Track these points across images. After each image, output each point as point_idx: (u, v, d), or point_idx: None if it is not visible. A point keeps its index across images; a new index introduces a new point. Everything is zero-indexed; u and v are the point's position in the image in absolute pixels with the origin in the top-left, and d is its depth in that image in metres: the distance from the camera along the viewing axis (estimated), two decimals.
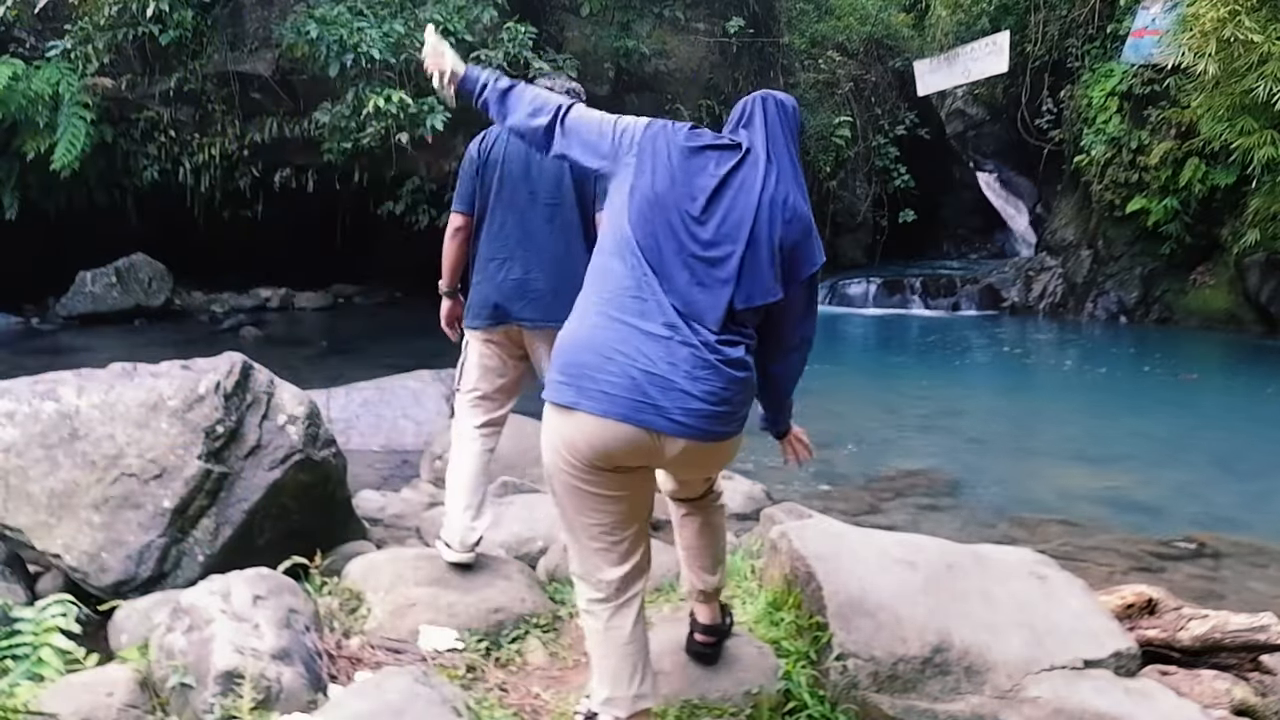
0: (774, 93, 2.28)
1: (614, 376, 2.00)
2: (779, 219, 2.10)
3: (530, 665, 2.79)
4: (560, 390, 2.06)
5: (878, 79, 15.14)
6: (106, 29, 10.35)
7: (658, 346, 2.02)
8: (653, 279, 2.05)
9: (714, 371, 2.03)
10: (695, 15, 12.97)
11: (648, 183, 2.10)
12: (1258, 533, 4.76)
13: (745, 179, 2.11)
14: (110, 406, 3.17)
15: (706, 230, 2.07)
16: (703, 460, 2.16)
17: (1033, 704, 2.40)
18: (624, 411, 1.99)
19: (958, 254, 17.06)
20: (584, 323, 2.10)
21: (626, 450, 2.03)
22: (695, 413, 2.01)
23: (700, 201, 2.08)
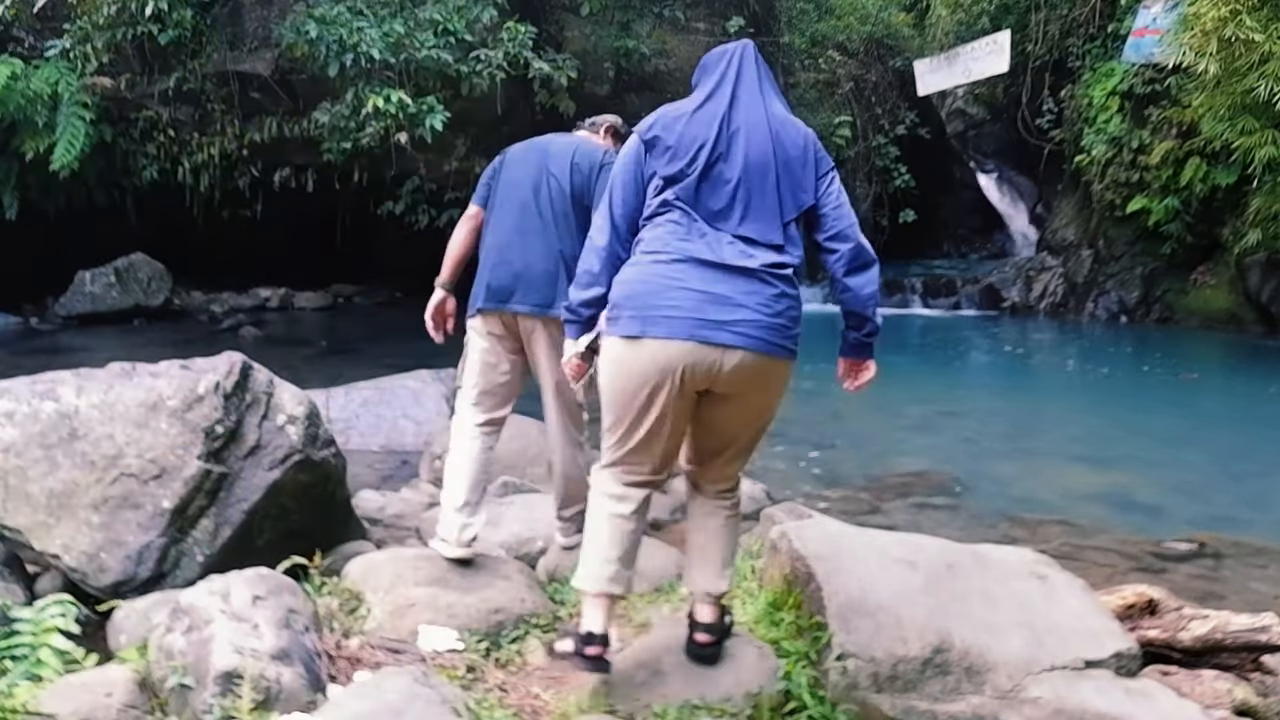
0: (745, 43, 2.49)
1: (675, 302, 2.21)
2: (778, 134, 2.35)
3: (530, 665, 2.79)
4: (627, 324, 2.26)
5: (878, 79, 15.13)
6: (105, 28, 10.35)
7: (711, 271, 2.23)
8: (696, 219, 2.29)
9: (765, 286, 2.25)
10: (695, 15, 12.97)
11: (662, 155, 2.34)
12: (1258, 533, 4.75)
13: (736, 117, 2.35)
14: (109, 406, 3.17)
15: (729, 167, 2.30)
16: (759, 382, 2.30)
17: (1033, 704, 2.40)
18: (689, 330, 2.19)
19: (958, 254, 17.05)
20: (637, 267, 2.31)
21: (692, 367, 2.21)
22: (752, 323, 2.22)
23: (707, 149, 2.31)
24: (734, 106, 2.36)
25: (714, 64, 2.46)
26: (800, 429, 6.88)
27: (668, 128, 2.37)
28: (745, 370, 2.24)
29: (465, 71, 10.33)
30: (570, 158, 3.16)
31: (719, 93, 2.38)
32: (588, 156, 3.17)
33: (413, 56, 10.08)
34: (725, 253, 2.26)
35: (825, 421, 7.17)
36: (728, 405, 2.35)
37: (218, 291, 12.71)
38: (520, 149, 3.30)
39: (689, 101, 2.42)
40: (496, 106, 10.80)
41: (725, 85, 2.39)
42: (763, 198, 2.31)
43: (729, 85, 2.39)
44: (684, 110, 2.39)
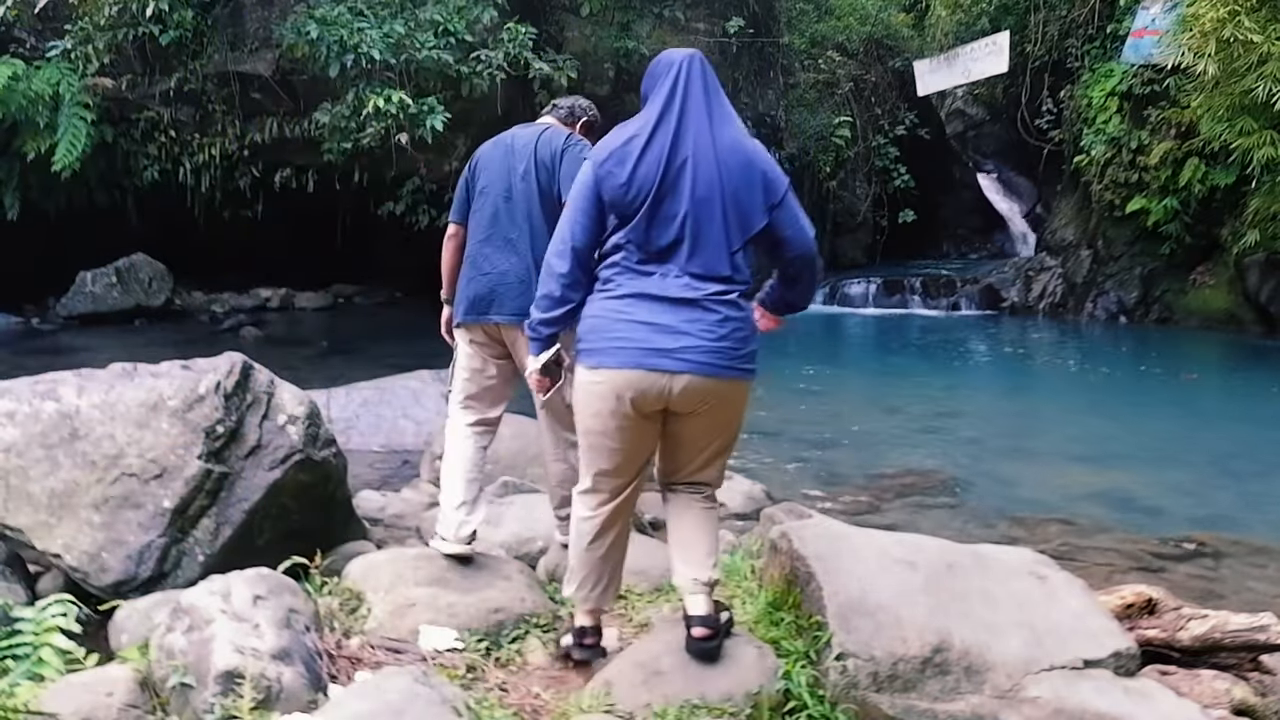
0: (693, 54, 2.51)
1: (624, 334, 2.36)
2: (725, 163, 2.39)
3: (530, 665, 2.79)
4: (586, 356, 2.43)
5: (878, 79, 15.14)
6: (106, 29, 10.36)
7: (657, 303, 2.36)
8: (645, 257, 2.39)
9: (708, 313, 2.37)
10: (695, 15, 12.98)
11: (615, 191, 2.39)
12: (1258, 533, 4.76)
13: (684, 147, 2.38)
14: (110, 406, 3.18)
15: (676, 203, 2.36)
16: (711, 402, 2.42)
17: (1032, 704, 2.40)
18: (636, 360, 2.34)
19: (958, 254, 17.06)
20: (594, 304, 2.45)
21: (643, 392, 2.36)
22: (695, 349, 2.35)
23: (654, 188, 2.36)
24: (680, 136, 2.38)
25: (662, 75, 2.47)
26: (800, 429, 6.89)
27: (621, 162, 2.39)
28: (694, 392, 2.37)
29: (465, 72, 10.34)
30: (533, 155, 3.14)
31: (665, 121, 2.40)
32: (549, 146, 3.15)
33: (413, 57, 10.09)
34: (671, 287, 2.36)
35: (825, 421, 7.18)
36: (689, 422, 2.48)
37: (218, 292, 12.71)
38: (488, 149, 3.26)
39: (640, 126, 2.43)
40: (497, 107, 10.80)
41: (672, 110, 2.41)
42: (710, 231, 2.37)
43: (675, 110, 2.41)
44: (635, 140, 2.41)
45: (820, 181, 14.33)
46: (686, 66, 2.45)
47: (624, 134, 2.44)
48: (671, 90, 2.43)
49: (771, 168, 2.45)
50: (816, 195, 14.48)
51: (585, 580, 2.60)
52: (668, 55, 2.53)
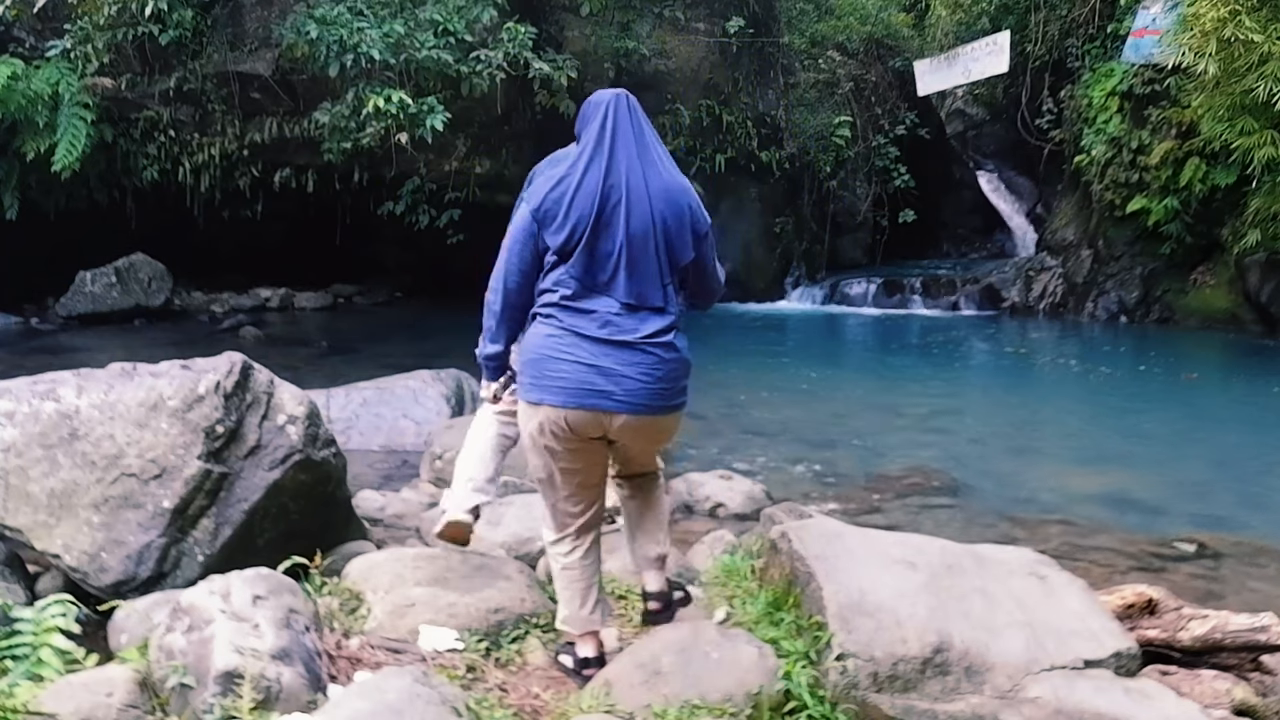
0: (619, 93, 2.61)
1: (564, 374, 2.47)
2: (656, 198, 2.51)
3: (530, 665, 2.79)
4: (528, 391, 2.55)
5: (878, 79, 15.13)
6: (106, 29, 10.35)
7: (597, 345, 2.48)
8: (584, 290, 2.50)
9: (645, 355, 2.49)
10: (695, 15, 12.97)
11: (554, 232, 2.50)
12: (1258, 533, 4.76)
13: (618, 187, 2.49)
14: (110, 406, 3.17)
15: (611, 240, 2.47)
16: (648, 432, 2.61)
17: (1033, 704, 2.40)
18: (577, 400, 2.47)
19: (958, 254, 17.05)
20: (535, 337, 2.55)
21: (583, 426, 2.51)
22: (632, 391, 2.48)
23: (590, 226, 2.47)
24: (611, 173, 2.48)
25: (592, 115, 2.56)
26: (800, 429, 6.89)
27: (557, 202, 2.49)
28: (630, 425, 2.54)
29: (465, 72, 10.34)
30: None
31: (596, 160, 2.49)
32: None
33: (413, 57, 10.09)
34: (608, 328, 2.48)
35: (825, 421, 7.18)
36: (628, 445, 2.66)
37: (218, 291, 12.71)
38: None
39: (570, 166, 2.52)
40: (497, 107, 10.81)
41: (602, 148, 2.50)
42: (644, 264, 2.49)
43: (605, 148, 2.49)
44: (568, 180, 2.49)
45: (820, 181, 14.32)
46: (614, 107, 2.54)
47: (554, 178, 2.53)
48: (600, 130, 2.52)
49: (697, 203, 2.61)
50: (816, 195, 14.47)
51: (572, 602, 2.71)
52: (597, 96, 2.61)
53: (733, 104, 13.10)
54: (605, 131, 2.51)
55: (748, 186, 13.65)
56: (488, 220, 3.55)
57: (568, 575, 2.70)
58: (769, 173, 13.53)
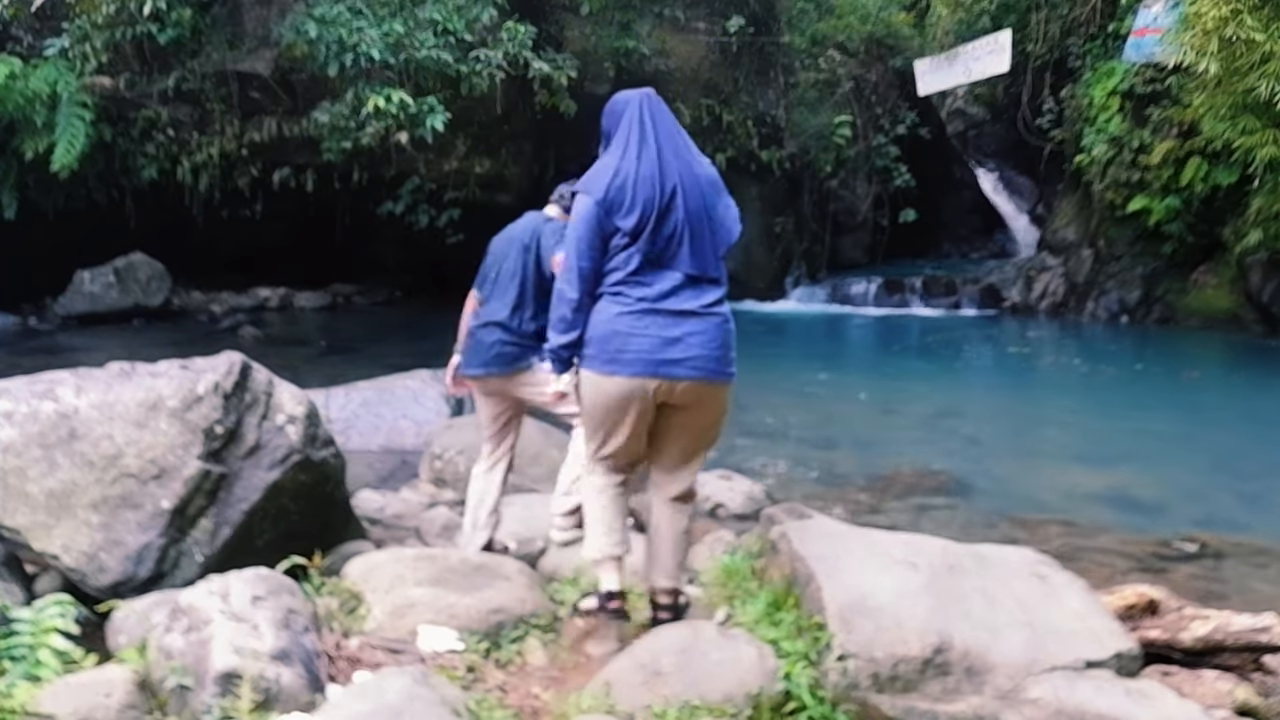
0: (646, 92, 2.88)
1: (639, 348, 2.69)
2: (703, 185, 2.80)
3: (530, 665, 2.78)
4: (602, 365, 2.73)
5: (878, 78, 15.12)
6: (104, 28, 10.34)
7: (665, 318, 2.70)
8: (652, 264, 2.72)
9: (705, 322, 2.73)
10: (695, 15, 12.96)
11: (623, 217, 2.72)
12: (1259, 533, 4.75)
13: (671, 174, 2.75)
14: (109, 406, 3.17)
15: (673, 220, 2.72)
16: (706, 401, 2.79)
17: (1033, 705, 2.39)
18: (652, 369, 2.69)
19: (958, 254, 17.05)
20: (606, 314, 2.74)
21: (654, 391, 2.72)
22: (697, 359, 2.70)
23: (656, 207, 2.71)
24: (664, 164, 2.74)
25: (623, 112, 2.82)
26: (800, 429, 6.88)
27: (621, 189, 2.71)
28: (692, 392, 2.74)
29: (465, 71, 10.33)
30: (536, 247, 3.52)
31: (645, 153, 2.75)
32: (536, 236, 3.54)
33: (413, 56, 10.08)
34: (674, 299, 2.72)
35: (825, 421, 7.17)
36: (680, 415, 2.81)
37: (217, 291, 12.70)
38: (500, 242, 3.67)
39: (624, 160, 2.75)
40: (496, 106, 10.80)
41: (648, 144, 2.76)
42: (701, 241, 2.75)
43: (652, 142, 2.76)
44: (625, 171, 2.73)
45: (820, 181, 14.31)
46: (648, 104, 2.82)
47: (610, 169, 2.76)
48: (640, 126, 2.77)
49: (726, 192, 2.89)
50: (817, 195, 14.46)
51: (609, 532, 2.90)
52: (624, 95, 2.87)
53: (733, 104, 13.09)
54: (645, 127, 2.76)
55: (748, 186, 13.63)
56: (487, 220, 3.60)
57: (606, 508, 2.90)
58: (769, 172, 13.52)
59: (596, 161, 2.82)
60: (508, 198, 11.07)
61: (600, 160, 2.81)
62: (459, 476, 4.87)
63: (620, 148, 2.77)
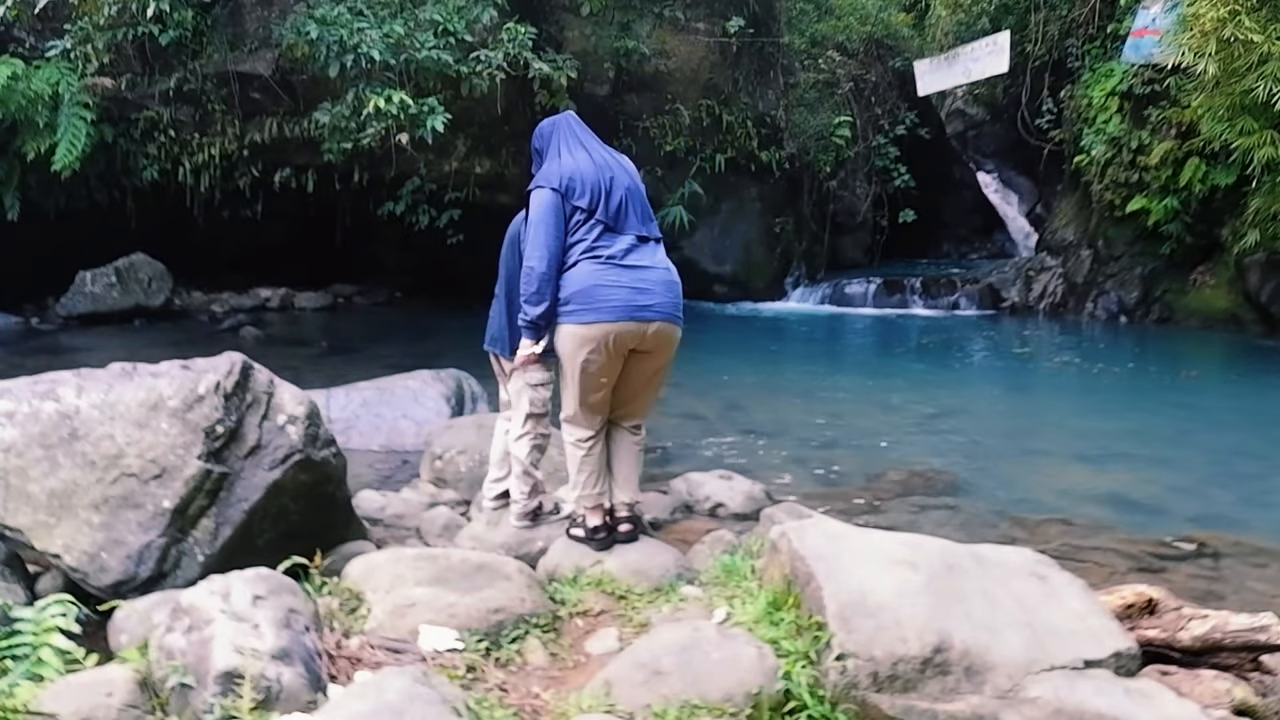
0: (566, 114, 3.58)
1: (614, 297, 3.19)
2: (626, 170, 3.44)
3: (530, 665, 2.79)
4: (581, 314, 3.20)
5: (878, 79, 15.12)
6: (106, 29, 10.35)
7: (632, 271, 3.24)
8: (609, 229, 3.30)
9: (663, 273, 3.31)
10: (695, 15, 12.96)
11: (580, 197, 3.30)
12: (1258, 533, 4.75)
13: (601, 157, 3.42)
14: (110, 406, 3.18)
15: (615, 196, 3.31)
16: (665, 341, 3.32)
17: (1033, 704, 2.40)
18: (627, 314, 3.19)
19: (958, 254, 17.06)
20: (581, 271, 3.24)
21: (629, 334, 3.21)
22: (661, 304, 3.26)
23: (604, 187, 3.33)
24: (595, 156, 3.37)
25: (550, 132, 3.49)
26: (800, 429, 6.89)
27: (572, 178, 3.30)
28: (659, 333, 3.27)
29: (465, 72, 10.34)
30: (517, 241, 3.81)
31: (580, 151, 3.38)
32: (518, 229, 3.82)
33: (413, 57, 10.09)
34: (634, 254, 3.26)
35: (825, 421, 7.17)
36: (644, 360, 3.33)
37: (218, 291, 12.70)
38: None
39: (563, 159, 3.36)
40: (497, 107, 10.80)
41: (580, 144, 3.41)
42: (640, 210, 3.36)
43: (581, 146, 3.40)
44: (569, 165, 3.33)
45: (820, 181, 14.31)
46: (573, 120, 3.53)
47: (556, 167, 3.35)
48: (571, 134, 3.45)
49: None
50: (816, 195, 14.47)
51: (588, 482, 3.39)
52: (549, 120, 3.55)
53: (733, 104, 13.09)
54: (575, 134, 3.44)
55: (748, 186, 13.64)
56: (488, 220, 3.72)
57: (587, 462, 3.37)
58: (769, 173, 13.52)
59: (541, 170, 3.40)
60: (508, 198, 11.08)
61: (544, 166, 3.40)
62: (459, 476, 4.87)
63: (557, 153, 3.38)
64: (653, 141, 12.78)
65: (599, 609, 3.13)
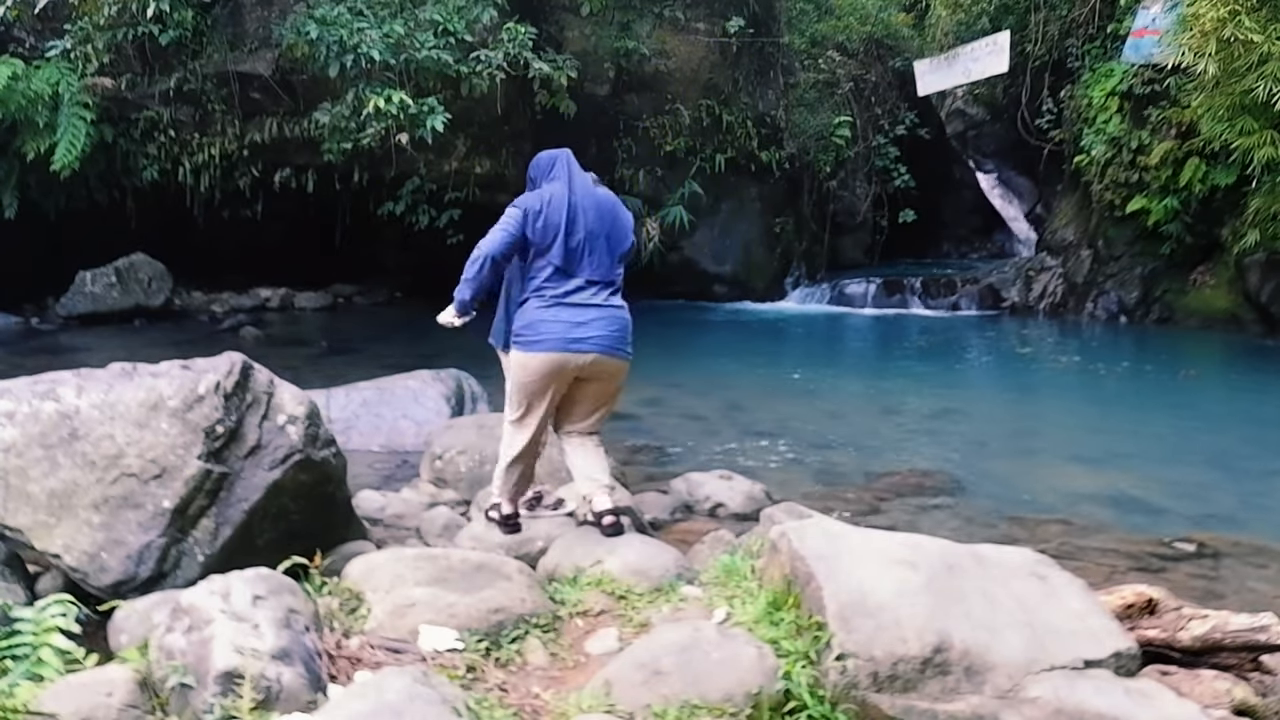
0: (565, 150, 3.79)
1: (554, 331, 3.52)
2: (600, 210, 3.66)
3: (530, 665, 2.79)
4: (527, 345, 3.55)
5: (878, 79, 15.12)
6: (106, 29, 10.35)
7: (574, 308, 3.53)
8: (559, 270, 3.56)
9: (603, 312, 3.57)
10: (695, 15, 12.96)
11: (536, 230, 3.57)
12: (1258, 533, 4.76)
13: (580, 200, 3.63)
14: (110, 406, 3.18)
15: (574, 237, 3.58)
16: (608, 372, 3.63)
17: (1032, 704, 2.40)
18: (563, 346, 3.51)
19: (958, 254, 17.06)
20: (530, 309, 3.58)
21: (566, 364, 3.54)
22: (598, 338, 3.55)
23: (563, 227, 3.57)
24: (573, 200, 3.57)
25: (549, 164, 3.72)
26: (800, 429, 6.89)
27: (540, 211, 3.55)
28: (596, 365, 3.56)
29: (465, 72, 10.34)
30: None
31: (563, 190, 3.59)
32: None
33: (413, 57, 10.09)
34: (580, 294, 3.55)
35: (825, 421, 7.18)
36: (589, 385, 3.65)
37: (218, 291, 12.70)
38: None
39: (547, 192, 3.60)
40: (497, 107, 10.80)
41: (562, 181, 3.62)
42: (598, 255, 3.59)
43: (564, 181, 3.62)
44: (546, 199, 3.58)
45: (820, 181, 14.31)
46: (565, 159, 3.72)
47: (539, 195, 3.61)
48: (559, 171, 3.67)
49: (625, 211, 3.76)
50: (816, 195, 14.47)
51: (511, 482, 3.72)
52: (548, 153, 3.77)
53: (733, 104, 13.09)
54: (565, 172, 3.66)
55: (748, 186, 13.64)
56: (488, 221, 3.71)
57: (516, 468, 3.70)
58: (769, 173, 13.52)
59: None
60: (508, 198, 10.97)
61: (533, 191, 3.69)
62: (459, 476, 4.87)
63: (549, 185, 3.63)
64: (653, 141, 12.78)
65: (599, 609, 3.13)
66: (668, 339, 11.48)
